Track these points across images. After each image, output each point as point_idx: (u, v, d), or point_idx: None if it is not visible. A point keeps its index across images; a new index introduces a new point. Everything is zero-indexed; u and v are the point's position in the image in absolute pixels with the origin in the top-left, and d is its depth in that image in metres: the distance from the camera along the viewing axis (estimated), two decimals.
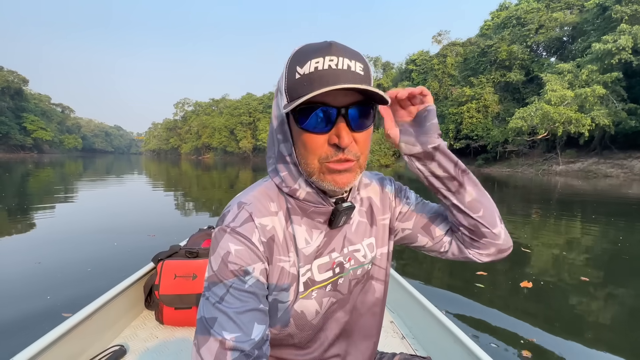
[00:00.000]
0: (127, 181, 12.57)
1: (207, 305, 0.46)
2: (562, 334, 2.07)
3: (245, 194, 0.53)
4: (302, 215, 0.53)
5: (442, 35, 43.22)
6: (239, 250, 0.47)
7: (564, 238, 4.75)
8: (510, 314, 2.30)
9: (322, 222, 0.54)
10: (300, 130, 0.47)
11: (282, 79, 0.47)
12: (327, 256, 0.55)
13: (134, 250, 3.47)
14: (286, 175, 0.52)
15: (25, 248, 3.62)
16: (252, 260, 0.48)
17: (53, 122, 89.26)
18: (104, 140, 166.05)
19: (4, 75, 65.13)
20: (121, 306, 1.42)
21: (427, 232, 0.64)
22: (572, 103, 21.20)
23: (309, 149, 0.47)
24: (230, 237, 0.48)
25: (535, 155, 26.56)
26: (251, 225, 0.49)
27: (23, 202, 6.73)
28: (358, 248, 0.59)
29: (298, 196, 0.52)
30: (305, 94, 0.42)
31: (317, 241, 0.54)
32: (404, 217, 0.65)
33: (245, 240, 0.48)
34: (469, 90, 30.28)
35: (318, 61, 0.43)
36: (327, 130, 0.46)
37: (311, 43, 0.47)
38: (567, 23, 28.52)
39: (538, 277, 3.03)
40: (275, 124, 0.50)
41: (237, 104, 69.43)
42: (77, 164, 28.52)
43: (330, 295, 0.56)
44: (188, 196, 8.67)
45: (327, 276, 0.55)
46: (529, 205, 8.16)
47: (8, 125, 62.87)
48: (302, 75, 0.44)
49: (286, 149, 0.50)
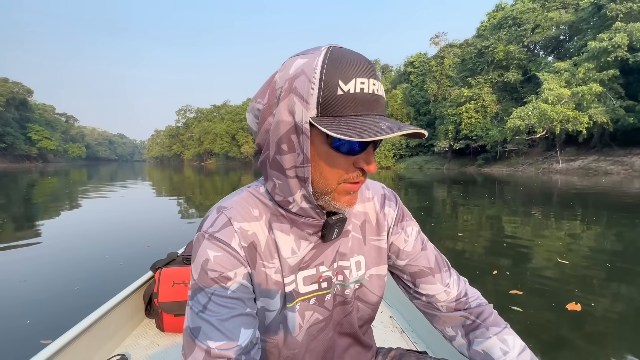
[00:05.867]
0: (128, 189, 12.74)
1: (192, 315, 0.45)
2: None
3: (227, 199, 0.52)
4: (290, 224, 0.50)
5: (439, 37, 43.45)
6: (218, 256, 0.46)
7: (608, 244, 4.00)
8: (561, 349, 1.82)
9: (311, 233, 0.50)
10: (328, 149, 0.43)
11: (311, 86, 0.41)
12: (314, 269, 0.52)
13: (127, 264, 3.24)
14: (281, 185, 0.47)
15: (12, 263, 3.39)
16: (232, 266, 0.46)
17: (57, 132, 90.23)
18: (108, 148, 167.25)
19: (9, 87, 66.07)
20: (121, 316, 1.42)
21: (412, 282, 0.60)
22: (569, 101, 21.26)
23: (336, 170, 0.45)
24: (208, 243, 0.47)
25: (535, 154, 26.55)
26: (230, 229, 0.47)
27: (19, 212, 6.64)
28: (348, 265, 0.55)
29: (290, 208, 0.49)
30: (348, 115, 0.40)
31: (303, 252, 0.51)
32: (395, 252, 0.60)
33: (224, 246, 0.46)
34: (467, 90, 30.38)
35: (364, 82, 0.41)
36: (357, 154, 0.44)
37: (344, 49, 0.43)
38: (563, 22, 28.64)
39: (586, 296, 2.49)
40: (283, 131, 0.43)
41: (238, 110, 69.89)
42: (81, 172, 28.68)
43: (314, 309, 0.53)
44: (190, 202, 8.81)
45: (312, 289, 0.52)
46: (550, 206, 7.49)
47: (13, 135, 63.72)
48: (346, 94, 0.40)
49: (291, 160, 0.44)
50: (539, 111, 21.33)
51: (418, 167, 36.40)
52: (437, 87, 36.25)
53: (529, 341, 1.46)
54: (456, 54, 36.35)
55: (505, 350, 0.52)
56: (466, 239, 4.23)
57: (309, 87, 0.41)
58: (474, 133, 29.64)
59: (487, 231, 4.80)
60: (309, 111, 0.41)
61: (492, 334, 0.55)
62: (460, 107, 30.58)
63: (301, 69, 0.42)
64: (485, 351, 0.54)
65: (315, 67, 0.41)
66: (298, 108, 0.41)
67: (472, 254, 3.63)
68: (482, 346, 0.55)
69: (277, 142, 0.44)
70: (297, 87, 0.41)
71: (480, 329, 0.56)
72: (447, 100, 33.53)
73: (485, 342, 0.55)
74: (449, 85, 34.99)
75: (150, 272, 1.66)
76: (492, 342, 0.54)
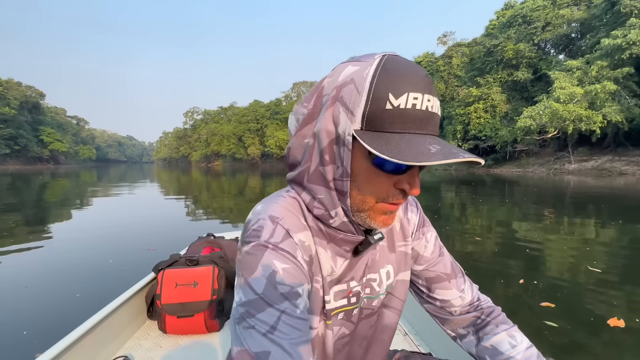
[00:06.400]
0: (136, 190, 12.84)
1: (254, 336, 0.37)
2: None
3: (273, 206, 0.46)
4: (327, 240, 0.48)
5: (447, 36, 43.06)
6: (287, 269, 0.41)
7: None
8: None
9: (347, 250, 0.49)
10: (369, 165, 0.41)
11: (358, 97, 0.39)
12: (345, 284, 0.51)
13: (131, 269, 3.18)
14: (324, 199, 0.44)
15: (15, 267, 3.33)
16: (300, 281, 0.42)
17: (68, 134, 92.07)
18: (117, 150, 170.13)
19: (23, 91, 67.74)
20: (124, 317, 1.42)
21: (427, 287, 0.61)
22: (582, 100, 20.78)
23: (375, 188, 0.42)
24: (274, 254, 0.41)
25: (546, 154, 26.03)
26: (291, 241, 0.44)
27: (26, 214, 6.68)
28: (375, 277, 0.54)
29: (331, 223, 0.46)
30: (395, 131, 0.37)
31: (340, 269, 0.49)
32: (415, 257, 0.60)
33: (291, 258, 0.42)
34: (475, 90, 29.98)
35: (417, 97, 0.38)
36: (400, 174, 0.41)
37: (400, 59, 0.40)
38: (574, 19, 28.06)
39: (626, 309, 2.26)
40: (326, 141, 0.42)
41: (244, 111, 70.32)
42: (91, 174, 29.16)
43: (342, 324, 0.52)
44: (197, 204, 8.82)
45: (341, 304, 0.51)
46: (567, 208, 7.18)
47: (26, 138, 65.16)
48: (395, 108, 0.37)
49: (333, 173, 0.43)
50: (550, 110, 20.88)
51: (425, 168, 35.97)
52: (445, 87, 35.87)
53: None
54: (464, 53, 35.95)
55: (514, 344, 0.53)
56: (485, 244, 4.03)
57: (356, 97, 0.39)
58: (483, 133, 29.21)
59: (506, 235, 4.58)
60: (353, 123, 0.39)
61: (501, 330, 0.56)
62: (469, 107, 30.19)
63: (351, 77, 0.40)
64: (493, 346, 0.55)
65: (366, 77, 0.38)
66: (342, 118, 0.40)
67: (493, 260, 3.44)
68: (490, 341, 0.55)
69: (321, 153, 0.42)
70: (343, 96, 0.40)
71: (490, 325, 0.57)
72: (455, 100, 33.15)
73: (494, 337, 0.55)
74: (457, 85, 34.59)
75: (152, 273, 1.64)
76: (500, 337, 0.55)
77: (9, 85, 64.01)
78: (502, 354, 0.53)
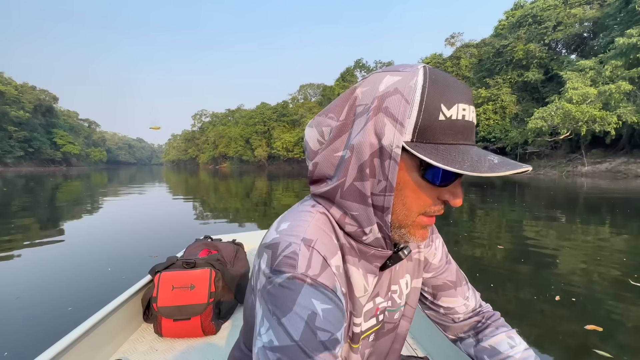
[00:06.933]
0: (145, 192, 12.96)
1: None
2: None
3: (303, 227, 0.41)
4: (359, 257, 0.45)
5: (455, 37, 42.71)
6: (329, 310, 0.36)
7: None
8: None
9: (377, 265, 0.46)
10: (418, 177, 0.39)
11: (408, 108, 0.37)
12: (372, 302, 0.48)
13: (129, 278, 2.99)
14: (359, 216, 0.41)
15: (12, 276, 3.15)
16: (341, 323, 0.37)
17: (80, 137, 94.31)
18: (127, 152, 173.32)
19: (37, 94, 69.63)
20: (119, 320, 1.40)
21: (433, 294, 0.61)
22: (595, 101, 20.28)
23: (420, 201, 0.40)
24: (313, 292, 0.36)
25: (558, 156, 25.48)
26: (330, 272, 0.39)
27: (30, 219, 6.60)
28: (396, 289, 0.53)
29: (364, 240, 0.43)
30: (447, 143, 0.37)
31: (371, 287, 0.47)
32: (424, 265, 0.59)
33: (332, 295, 0.37)
34: (484, 91, 29.61)
35: (465, 109, 0.37)
36: (446, 186, 0.40)
37: (440, 71, 0.39)
38: (587, 18, 27.50)
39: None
40: (367, 154, 0.39)
41: (252, 114, 70.89)
42: (102, 176, 29.67)
43: (372, 345, 0.50)
44: (204, 205, 8.82)
45: (371, 324, 0.48)
46: (589, 213, 6.85)
47: (40, 140, 66.90)
48: (448, 120, 0.37)
49: (372, 188, 0.40)
50: (562, 111, 20.43)
51: None
52: None
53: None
54: (473, 54, 35.57)
55: (513, 345, 0.54)
56: (508, 253, 3.72)
57: (405, 108, 0.37)
58: (492, 135, 28.79)
59: (531, 243, 4.21)
60: (403, 135, 0.37)
61: (501, 332, 0.57)
62: (478, 109, 29.79)
63: (394, 87, 0.38)
64: (492, 346, 0.55)
65: (415, 87, 0.37)
66: (389, 130, 0.38)
67: (521, 272, 3.14)
68: (489, 342, 0.56)
69: (360, 167, 0.40)
70: (389, 106, 0.38)
71: (489, 328, 0.59)
72: None
73: (493, 338, 0.56)
74: None
75: (149, 276, 1.61)
76: (500, 338, 0.56)
77: (23, 89, 65.88)
78: (501, 354, 0.54)
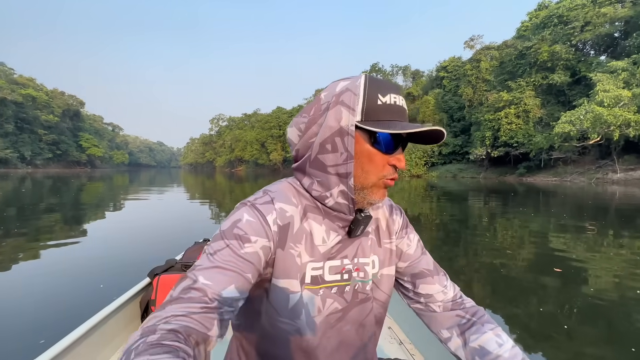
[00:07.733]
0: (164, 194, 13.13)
1: (202, 255, 0.50)
2: None
3: (272, 185, 0.59)
4: (323, 216, 0.57)
5: (474, 40, 41.76)
6: (250, 221, 0.51)
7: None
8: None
9: (340, 226, 0.57)
10: (370, 147, 0.53)
11: (356, 98, 0.52)
12: (339, 260, 0.58)
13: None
14: (321, 182, 0.55)
15: None
16: (258, 234, 0.50)
17: (105, 140, 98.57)
18: (148, 155, 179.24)
19: (65, 99, 73.41)
20: (117, 323, 1.39)
21: (412, 283, 0.66)
22: (629, 104, 19.13)
23: (374, 166, 0.54)
24: (247, 209, 0.52)
25: (586, 162, 24.19)
26: (270, 206, 0.53)
27: (66, 215, 6.83)
28: (367, 262, 0.61)
29: (326, 202, 0.55)
30: (386, 120, 0.51)
31: (332, 242, 0.57)
32: (399, 255, 0.67)
33: (259, 215, 0.52)
34: (506, 95, 28.66)
35: (396, 97, 0.53)
36: (391, 153, 0.54)
37: (378, 78, 0.55)
38: (618, 18, 26.18)
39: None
40: (328, 134, 0.53)
41: (267, 118, 71.84)
42: (124, 177, 30.68)
43: (335, 298, 0.58)
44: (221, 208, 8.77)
45: (335, 278, 0.58)
46: (630, 225, 6.39)
47: (67, 143, 70.39)
48: (384, 104, 0.51)
49: (333, 159, 0.53)
50: (592, 115, 19.41)
51: (452, 175, 34.60)
52: (473, 91, 34.60)
53: None
54: (494, 56, 34.59)
55: (500, 343, 0.57)
56: (575, 284, 3.13)
57: (354, 99, 0.52)
58: (515, 140, 27.74)
59: (595, 266, 3.66)
60: (355, 117, 0.51)
61: (488, 329, 0.59)
62: (499, 112, 28.86)
63: (346, 87, 0.53)
64: (481, 346, 0.58)
65: (359, 85, 0.52)
66: (345, 115, 0.52)
67: (569, 297, 2.75)
68: (478, 341, 0.58)
69: (322, 144, 0.53)
70: (343, 99, 0.52)
71: (475, 325, 0.61)
72: (483, 105, 31.81)
73: (481, 337, 0.58)
74: (486, 90, 33.23)
75: (147, 278, 1.59)
76: (487, 337, 0.58)
77: (53, 95, 69.67)
78: (491, 353, 0.56)
